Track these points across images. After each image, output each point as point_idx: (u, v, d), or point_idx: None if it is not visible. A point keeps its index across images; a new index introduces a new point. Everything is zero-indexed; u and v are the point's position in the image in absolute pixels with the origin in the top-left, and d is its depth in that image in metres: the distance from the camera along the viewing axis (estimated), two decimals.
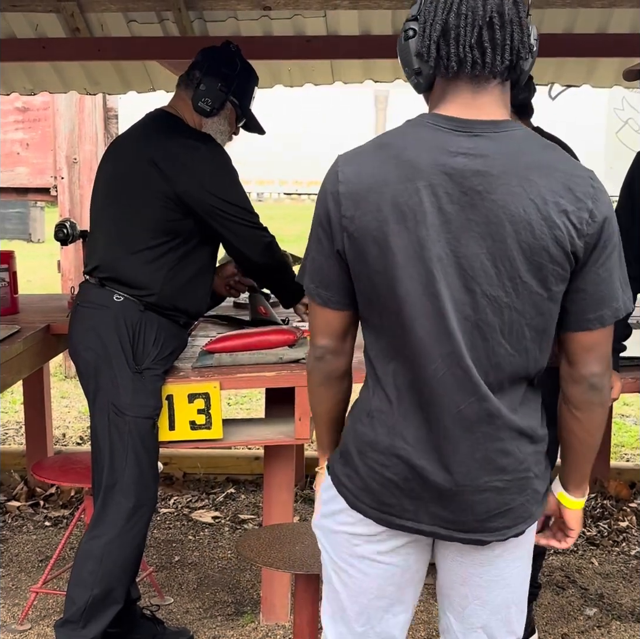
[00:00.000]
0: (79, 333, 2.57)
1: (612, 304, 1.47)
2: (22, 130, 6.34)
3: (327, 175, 1.48)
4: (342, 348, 1.57)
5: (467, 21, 1.38)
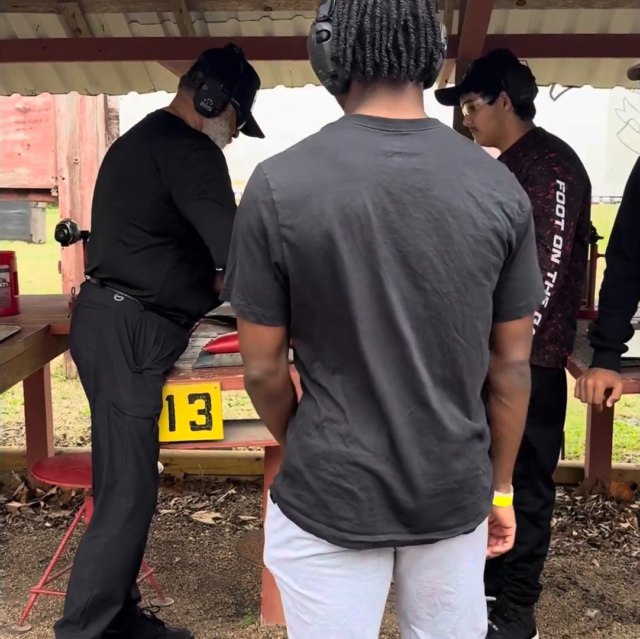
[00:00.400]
0: (80, 333, 2.57)
1: (537, 291, 1.53)
2: (23, 131, 6.34)
3: (253, 184, 1.40)
4: (278, 367, 1.48)
5: (382, 24, 1.36)
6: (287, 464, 1.52)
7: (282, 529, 1.52)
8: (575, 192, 2.54)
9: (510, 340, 1.53)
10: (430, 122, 1.43)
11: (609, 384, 2.43)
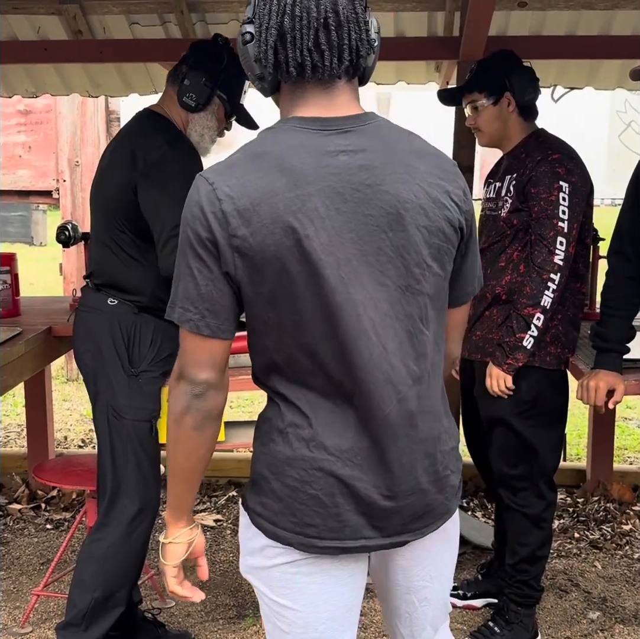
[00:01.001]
0: (79, 337, 2.58)
1: (479, 274, 1.57)
2: (24, 133, 6.35)
3: (199, 194, 1.36)
4: (223, 382, 1.44)
5: (302, 23, 1.33)
6: (254, 471, 1.49)
7: (254, 537, 1.49)
8: (578, 193, 2.54)
9: (452, 329, 1.56)
10: (369, 117, 1.41)
11: (611, 386, 2.43)
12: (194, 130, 2.57)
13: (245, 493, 1.52)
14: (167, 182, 2.42)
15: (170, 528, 1.55)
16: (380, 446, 1.42)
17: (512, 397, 2.62)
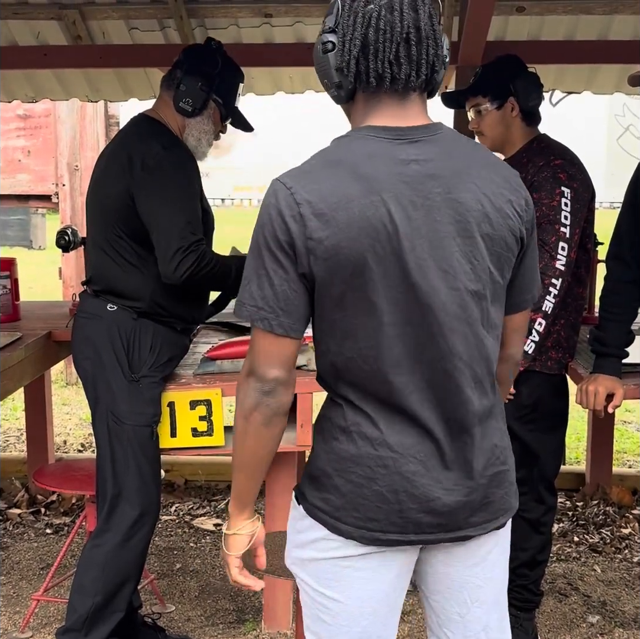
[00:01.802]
0: (78, 343, 2.58)
1: (538, 282, 1.61)
2: (23, 137, 6.35)
3: (277, 198, 1.41)
4: (291, 379, 1.50)
5: (385, 37, 1.40)
6: (313, 467, 1.54)
7: (307, 530, 1.54)
8: (580, 199, 2.54)
9: (511, 332, 1.61)
10: (437, 127, 1.48)
11: (610, 390, 2.43)
12: (191, 134, 2.58)
13: (302, 488, 1.56)
14: (164, 188, 2.43)
15: (233, 519, 1.59)
16: (442, 446, 1.47)
17: (512, 401, 2.62)
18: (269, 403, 1.48)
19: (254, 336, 1.48)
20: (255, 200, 8.95)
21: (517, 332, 1.63)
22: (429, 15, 1.42)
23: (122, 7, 3.68)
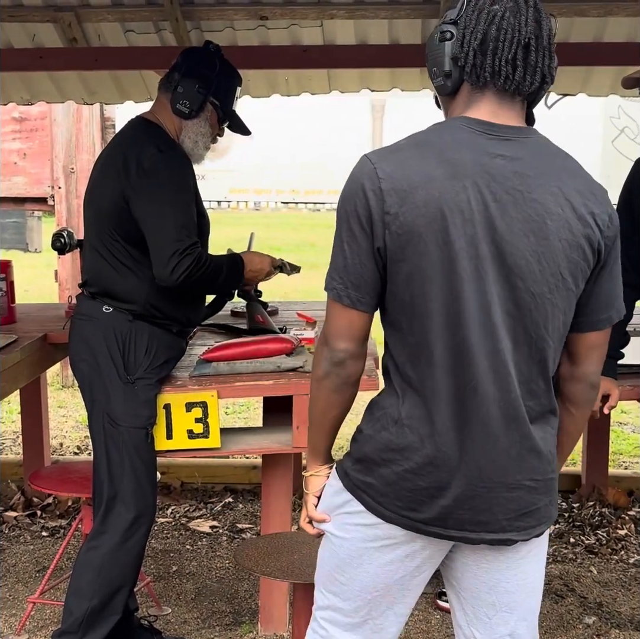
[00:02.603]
0: (74, 345, 2.58)
1: (618, 304, 1.58)
2: (19, 140, 6.34)
3: (360, 172, 1.46)
4: (362, 352, 1.54)
5: (506, 36, 1.44)
6: (360, 451, 1.56)
7: (345, 503, 1.58)
8: None
9: (587, 350, 1.58)
10: (531, 131, 1.51)
11: (606, 391, 2.44)
12: (188, 137, 2.58)
13: (346, 467, 1.59)
14: (159, 191, 2.43)
15: (309, 464, 1.71)
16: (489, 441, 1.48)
17: None
18: (338, 372, 1.53)
19: (328, 306, 1.53)
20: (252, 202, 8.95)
21: (591, 351, 1.58)
22: (548, 29, 1.47)
23: (118, 10, 3.67)
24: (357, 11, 3.61)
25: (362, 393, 1.74)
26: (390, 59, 3.69)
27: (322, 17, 3.65)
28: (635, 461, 4.86)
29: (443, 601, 3.05)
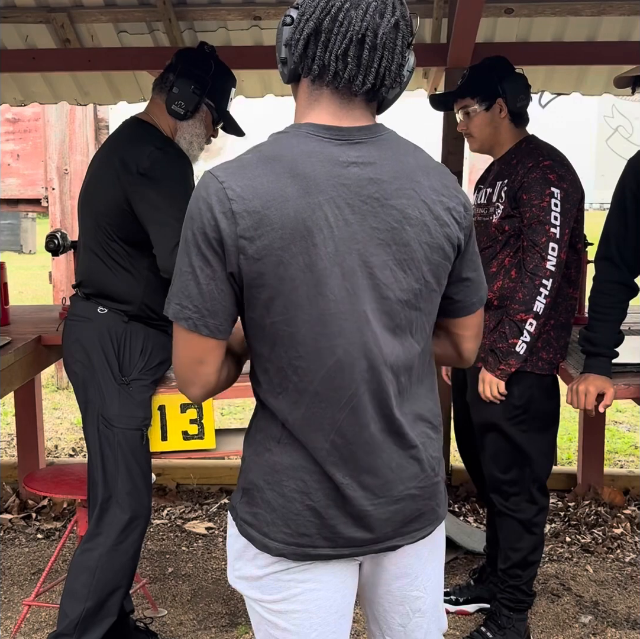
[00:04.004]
0: (68, 346, 2.57)
1: (484, 285, 1.57)
2: (12, 141, 6.34)
3: (207, 192, 1.34)
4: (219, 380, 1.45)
5: (340, 30, 1.33)
6: (245, 480, 1.48)
7: (245, 548, 1.49)
8: (570, 199, 2.55)
9: (464, 329, 1.58)
10: (379, 129, 1.41)
11: (601, 390, 2.44)
12: (183, 138, 2.58)
13: (235, 503, 1.51)
14: (161, 186, 2.42)
15: None
16: (371, 454, 1.43)
17: (504, 402, 2.63)
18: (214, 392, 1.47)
19: (178, 338, 1.41)
20: None
21: (467, 329, 1.58)
22: (393, 26, 1.34)
23: (111, 10, 3.67)
24: None
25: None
26: None
27: None
28: (630, 459, 4.87)
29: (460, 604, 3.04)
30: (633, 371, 2.57)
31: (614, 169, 2.63)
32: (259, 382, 1.45)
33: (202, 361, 1.41)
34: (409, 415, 1.47)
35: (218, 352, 1.41)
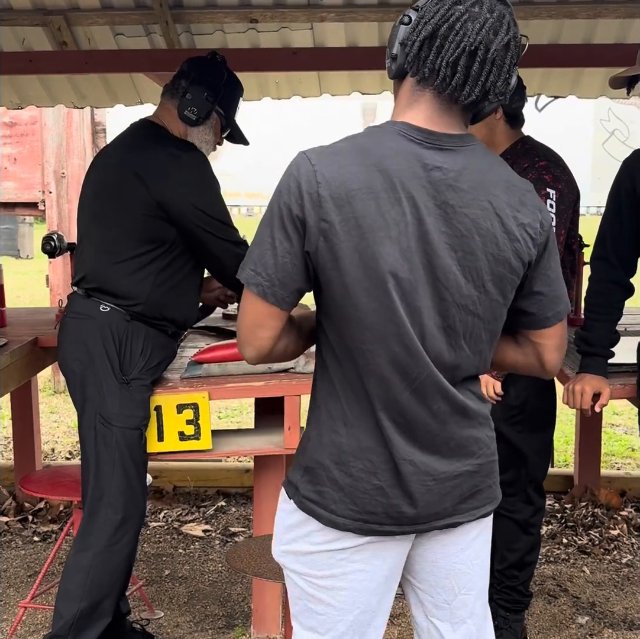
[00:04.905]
0: (66, 344, 2.56)
1: (564, 299, 1.61)
2: (9, 145, 6.33)
3: (298, 171, 1.42)
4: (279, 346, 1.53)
5: (455, 38, 1.40)
6: (309, 459, 1.54)
7: (299, 524, 1.56)
8: (565, 200, 2.55)
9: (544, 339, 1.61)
10: (469, 139, 1.49)
11: (597, 390, 2.44)
12: (192, 143, 2.61)
13: (294, 481, 1.57)
14: (202, 191, 2.51)
15: None
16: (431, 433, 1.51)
17: (500, 403, 2.62)
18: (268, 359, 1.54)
19: (246, 300, 1.49)
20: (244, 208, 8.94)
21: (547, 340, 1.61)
22: (505, 44, 1.42)
23: (108, 13, 3.67)
24: (347, 14, 3.62)
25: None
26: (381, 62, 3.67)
27: (312, 20, 3.66)
28: (627, 462, 4.87)
29: None
30: (629, 371, 2.58)
31: (611, 172, 2.63)
32: (326, 365, 1.52)
33: (262, 325, 1.49)
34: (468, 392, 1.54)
35: (278, 320, 1.49)
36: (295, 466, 1.58)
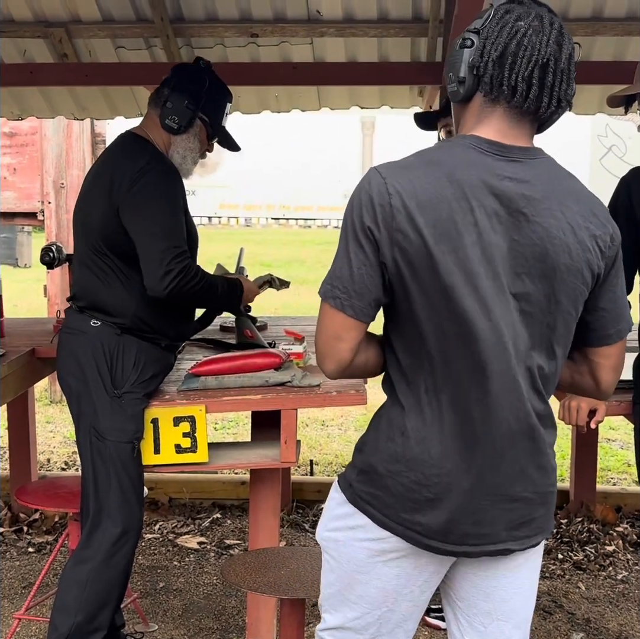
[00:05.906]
0: (61, 359, 2.58)
1: (626, 317, 1.61)
2: (9, 155, 6.35)
3: (370, 185, 1.45)
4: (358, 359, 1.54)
5: (525, 53, 1.44)
6: (364, 462, 1.56)
7: (349, 516, 1.58)
8: None
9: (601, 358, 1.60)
10: (538, 152, 1.51)
11: (593, 406, 2.45)
12: (176, 152, 2.60)
13: (349, 478, 1.59)
14: (150, 201, 2.45)
15: None
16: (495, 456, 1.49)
17: None
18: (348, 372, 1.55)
19: (325, 314, 1.51)
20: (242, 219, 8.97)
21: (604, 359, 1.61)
22: (569, 55, 1.47)
23: (109, 26, 3.70)
24: (346, 29, 3.65)
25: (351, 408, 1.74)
26: (380, 77, 3.72)
27: (312, 34, 3.69)
28: (623, 477, 4.87)
29: (431, 618, 3.04)
30: (625, 388, 2.58)
31: (608, 188, 2.65)
32: (391, 379, 1.54)
33: (341, 337, 1.50)
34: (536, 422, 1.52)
35: (357, 332, 1.51)
36: (352, 464, 1.60)
